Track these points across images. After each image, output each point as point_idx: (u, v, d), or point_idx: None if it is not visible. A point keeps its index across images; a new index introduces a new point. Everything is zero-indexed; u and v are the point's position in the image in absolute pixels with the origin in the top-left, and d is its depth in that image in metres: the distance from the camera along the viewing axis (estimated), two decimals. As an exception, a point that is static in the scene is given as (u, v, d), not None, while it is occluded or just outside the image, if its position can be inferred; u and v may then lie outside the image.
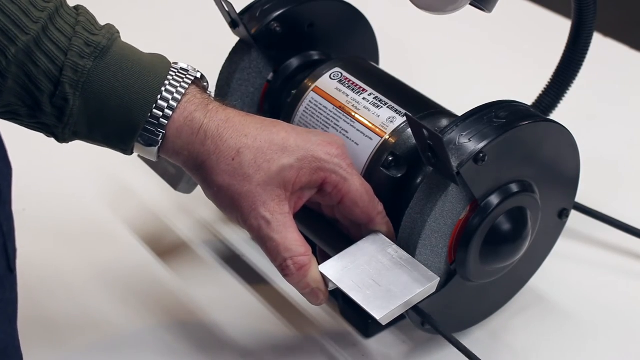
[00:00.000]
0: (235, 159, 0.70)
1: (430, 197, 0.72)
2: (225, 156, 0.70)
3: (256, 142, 0.71)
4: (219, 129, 0.70)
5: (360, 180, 0.74)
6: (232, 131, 0.71)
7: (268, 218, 0.71)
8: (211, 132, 0.70)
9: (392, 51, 1.01)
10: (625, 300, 0.88)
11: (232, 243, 0.92)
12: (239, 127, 0.71)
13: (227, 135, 0.71)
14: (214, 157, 0.70)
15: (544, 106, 0.90)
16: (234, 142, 0.71)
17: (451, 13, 0.73)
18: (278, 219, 0.71)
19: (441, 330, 0.75)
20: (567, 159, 0.79)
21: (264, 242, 0.71)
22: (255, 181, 0.70)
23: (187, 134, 0.70)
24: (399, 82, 0.86)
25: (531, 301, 0.86)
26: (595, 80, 1.12)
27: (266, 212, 0.71)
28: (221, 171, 0.70)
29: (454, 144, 0.71)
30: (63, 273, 0.87)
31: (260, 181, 0.71)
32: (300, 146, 0.72)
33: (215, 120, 0.70)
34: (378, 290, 0.71)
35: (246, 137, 0.71)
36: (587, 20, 0.84)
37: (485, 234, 0.74)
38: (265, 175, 0.71)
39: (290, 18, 0.88)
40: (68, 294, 0.85)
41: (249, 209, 0.71)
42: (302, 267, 0.71)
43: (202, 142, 0.70)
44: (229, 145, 0.70)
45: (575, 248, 0.93)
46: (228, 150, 0.70)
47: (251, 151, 0.71)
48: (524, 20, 1.33)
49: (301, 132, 0.73)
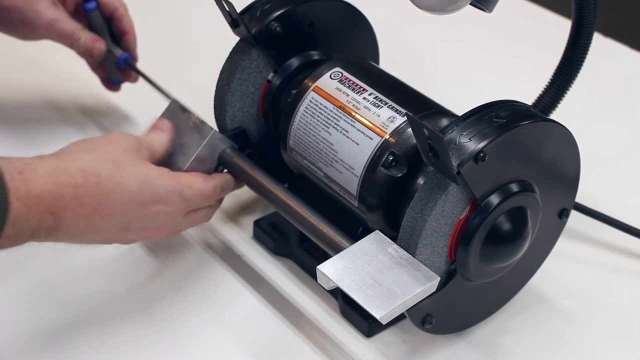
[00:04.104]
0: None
1: (430, 196, 0.72)
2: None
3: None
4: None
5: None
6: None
7: None
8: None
9: (392, 51, 1.01)
10: (625, 300, 0.88)
11: (232, 243, 0.92)
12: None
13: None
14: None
15: (544, 106, 0.90)
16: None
17: (451, 13, 0.73)
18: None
19: (441, 330, 0.75)
20: (567, 158, 0.79)
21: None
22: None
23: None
24: (399, 82, 0.86)
25: (531, 301, 0.86)
26: (595, 80, 1.12)
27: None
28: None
29: (454, 144, 0.71)
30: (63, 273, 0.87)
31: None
32: None
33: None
34: (378, 289, 0.71)
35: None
36: (587, 20, 0.84)
37: (486, 234, 0.74)
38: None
39: (291, 18, 0.88)
40: (68, 295, 0.85)
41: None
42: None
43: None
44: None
45: (575, 248, 0.93)
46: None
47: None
48: (524, 20, 1.33)
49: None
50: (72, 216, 0.72)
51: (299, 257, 0.89)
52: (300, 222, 0.81)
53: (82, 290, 0.85)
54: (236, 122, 0.90)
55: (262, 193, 0.85)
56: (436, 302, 0.75)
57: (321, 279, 0.73)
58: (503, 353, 0.82)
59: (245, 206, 0.96)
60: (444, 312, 0.77)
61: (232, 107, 0.89)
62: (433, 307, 0.76)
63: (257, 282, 0.87)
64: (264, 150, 0.92)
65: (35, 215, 0.70)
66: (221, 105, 0.89)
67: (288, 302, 0.85)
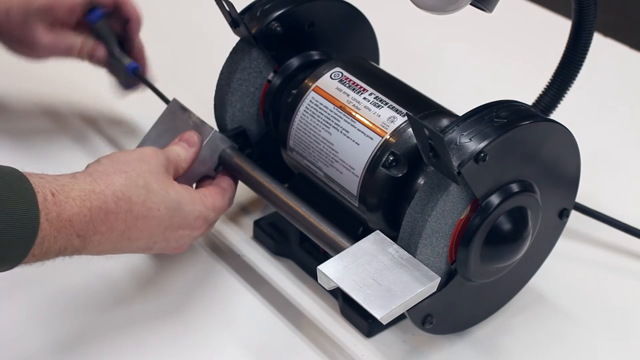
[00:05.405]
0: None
1: (431, 196, 0.72)
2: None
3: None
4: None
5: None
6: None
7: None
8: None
9: (392, 51, 1.01)
10: (625, 300, 0.88)
11: (232, 243, 0.92)
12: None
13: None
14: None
15: (544, 106, 0.90)
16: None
17: (452, 13, 0.73)
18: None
19: (441, 330, 0.75)
20: (567, 158, 0.79)
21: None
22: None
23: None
24: (399, 82, 0.86)
25: (531, 301, 0.86)
26: (595, 80, 1.12)
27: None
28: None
29: (454, 144, 0.71)
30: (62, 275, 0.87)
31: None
32: None
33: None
34: (379, 289, 0.71)
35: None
36: (587, 20, 0.84)
37: (486, 234, 0.74)
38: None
39: (291, 18, 0.88)
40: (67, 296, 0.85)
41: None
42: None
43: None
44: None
45: (575, 248, 0.93)
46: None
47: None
48: (524, 20, 1.33)
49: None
50: (99, 239, 0.73)
51: (299, 257, 0.89)
52: (300, 222, 0.81)
53: (81, 290, 0.85)
54: (236, 122, 0.90)
55: (262, 193, 0.85)
56: (436, 302, 0.75)
57: (321, 279, 0.73)
58: (503, 353, 0.82)
59: (245, 206, 0.96)
60: (444, 312, 0.77)
61: (232, 107, 0.89)
62: (433, 307, 0.76)
63: (257, 282, 0.87)
64: (264, 150, 0.92)
65: (64, 237, 0.70)
66: (221, 105, 0.89)
67: (288, 302, 0.85)
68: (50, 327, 0.81)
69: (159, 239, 0.78)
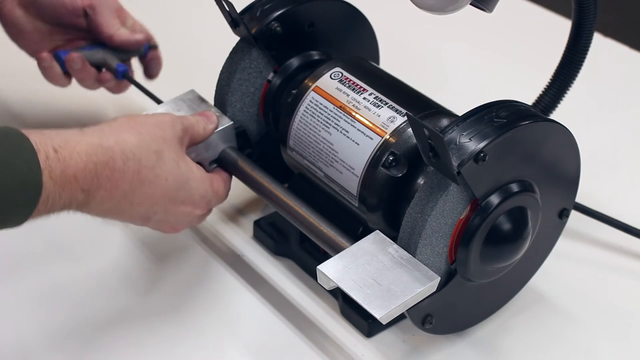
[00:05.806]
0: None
1: (430, 196, 0.72)
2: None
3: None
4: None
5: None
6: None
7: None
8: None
9: (392, 51, 1.01)
10: (625, 300, 0.88)
11: (232, 243, 0.92)
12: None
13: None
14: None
15: (544, 106, 0.90)
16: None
17: (452, 13, 0.73)
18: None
19: (441, 330, 0.75)
20: (567, 158, 0.79)
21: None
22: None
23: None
24: (399, 82, 0.86)
25: (531, 301, 0.86)
26: (595, 80, 1.12)
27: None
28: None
29: (454, 144, 0.71)
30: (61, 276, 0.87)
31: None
32: None
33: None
34: (378, 289, 0.71)
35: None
36: (587, 20, 0.84)
37: (486, 234, 0.74)
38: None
39: (291, 18, 0.88)
40: (67, 296, 0.85)
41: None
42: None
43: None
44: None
45: (575, 248, 0.93)
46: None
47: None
48: (524, 20, 1.33)
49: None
50: (103, 196, 0.72)
51: (299, 257, 0.89)
52: (300, 222, 0.81)
53: (81, 290, 0.85)
54: (236, 122, 0.90)
55: (262, 193, 0.85)
56: (436, 302, 0.75)
57: (321, 279, 0.73)
58: (503, 353, 0.82)
59: (245, 206, 0.96)
60: (444, 312, 0.77)
61: (232, 107, 0.89)
62: (433, 307, 0.76)
63: (257, 282, 0.87)
64: (264, 150, 0.92)
65: (68, 193, 0.69)
66: (221, 105, 0.89)
67: (288, 302, 0.85)
68: (50, 327, 0.81)
69: (159, 209, 0.77)
